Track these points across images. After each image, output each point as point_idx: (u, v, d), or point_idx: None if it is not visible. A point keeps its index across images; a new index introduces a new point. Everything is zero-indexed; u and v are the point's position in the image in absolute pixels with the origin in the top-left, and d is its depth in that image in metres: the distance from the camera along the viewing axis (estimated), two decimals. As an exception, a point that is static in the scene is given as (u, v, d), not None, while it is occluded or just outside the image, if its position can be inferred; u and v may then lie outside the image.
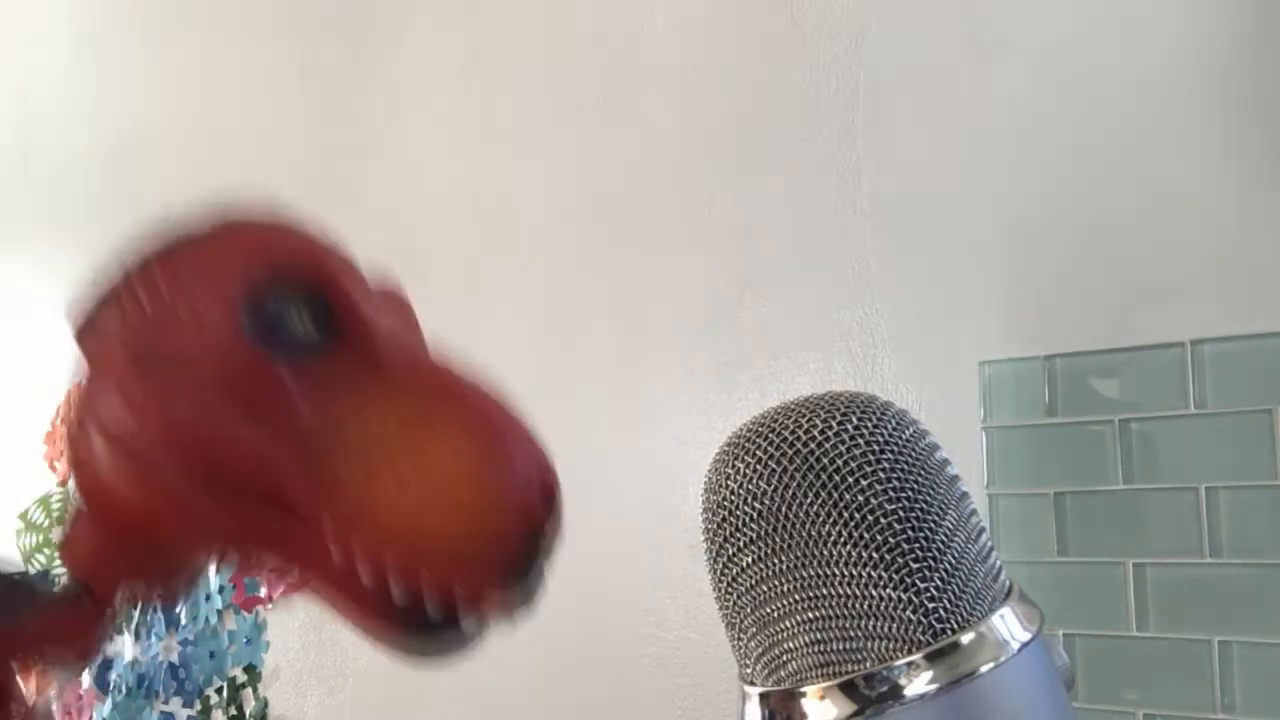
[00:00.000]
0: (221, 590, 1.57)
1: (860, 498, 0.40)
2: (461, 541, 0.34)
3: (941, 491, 0.42)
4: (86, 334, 0.36)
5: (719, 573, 0.44)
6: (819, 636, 0.40)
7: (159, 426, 0.34)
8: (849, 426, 0.41)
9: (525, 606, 0.35)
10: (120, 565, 0.38)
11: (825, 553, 0.40)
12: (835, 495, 0.40)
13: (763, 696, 0.43)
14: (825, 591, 0.40)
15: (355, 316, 0.36)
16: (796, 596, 0.41)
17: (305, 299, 0.35)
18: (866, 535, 0.40)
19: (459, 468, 0.34)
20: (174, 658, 1.65)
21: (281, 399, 0.35)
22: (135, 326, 0.35)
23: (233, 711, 1.53)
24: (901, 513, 0.40)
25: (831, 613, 0.40)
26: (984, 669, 0.39)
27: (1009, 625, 0.41)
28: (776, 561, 0.41)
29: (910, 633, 0.39)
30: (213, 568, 0.40)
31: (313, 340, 0.35)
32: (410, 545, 0.34)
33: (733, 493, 0.43)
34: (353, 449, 0.35)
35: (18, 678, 0.40)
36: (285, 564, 0.38)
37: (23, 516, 2.04)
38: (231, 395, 0.34)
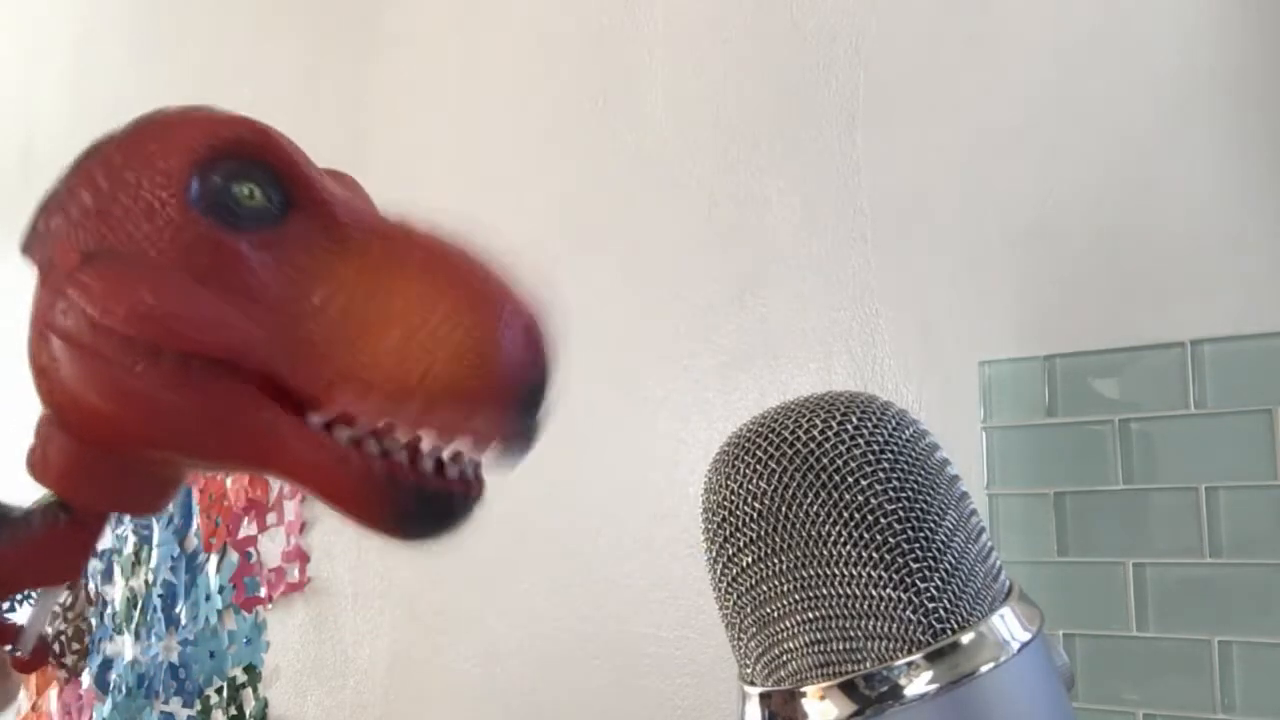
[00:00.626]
0: (221, 590, 1.57)
1: (860, 498, 0.40)
2: (453, 386, 0.33)
3: (941, 491, 0.42)
4: (33, 243, 0.36)
5: (719, 573, 0.44)
6: (819, 636, 0.40)
7: (124, 311, 0.33)
8: (849, 426, 0.41)
9: (525, 448, 0.34)
10: (95, 475, 0.37)
11: (825, 553, 0.40)
12: (835, 495, 0.40)
13: (763, 696, 0.43)
14: (825, 591, 0.40)
15: (306, 182, 0.35)
16: (796, 596, 0.41)
17: (252, 169, 0.35)
18: (866, 535, 0.40)
19: (439, 315, 0.33)
20: (174, 658, 1.65)
21: (244, 270, 0.34)
22: (81, 223, 0.35)
23: (233, 711, 1.53)
24: (901, 513, 0.40)
25: (831, 613, 0.40)
26: (984, 669, 0.39)
27: (1009, 625, 0.41)
28: (776, 561, 0.41)
29: (910, 633, 0.39)
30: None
31: (267, 209, 0.35)
32: (401, 397, 0.33)
33: (733, 493, 0.43)
34: (326, 311, 0.34)
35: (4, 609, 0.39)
36: (256, 459, 0.36)
37: None
38: (192, 272, 0.33)
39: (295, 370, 0.34)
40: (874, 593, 0.40)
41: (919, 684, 0.39)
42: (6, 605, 0.39)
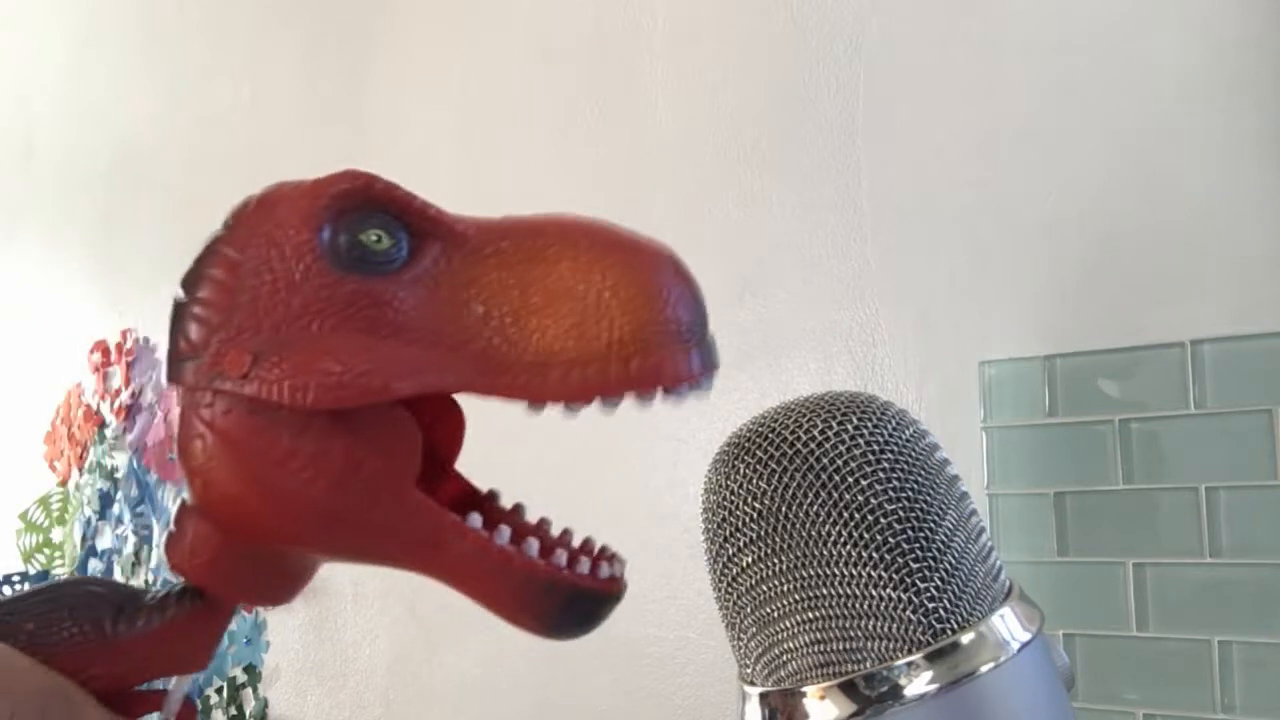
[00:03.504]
0: (221, 590, 1.57)
1: (860, 498, 0.40)
2: (638, 337, 0.34)
3: (941, 491, 0.42)
4: (180, 365, 0.35)
5: (719, 573, 0.44)
6: (819, 636, 0.40)
7: (314, 390, 0.33)
8: (849, 427, 0.41)
9: (715, 364, 0.35)
10: (237, 569, 0.37)
11: (825, 553, 0.40)
12: (835, 495, 0.40)
13: (763, 696, 0.43)
14: (825, 591, 0.40)
15: (420, 211, 0.36)
16: (796, 596, 0.41)
17: (368, 215, 0.35)
18: (866, 535, 0.40)
19: (596, 281, 0.34)
20: (174, 658, 1.64)
21: (402, 310, 0.34)
22: (233, 325, 0.34)
23: (233, 711, 1.53)
24: (901, 513, 0.40)
25: (831, 613, 0.40)
26: (984, 669, 0.39)
27: (1009, 625, 0.41)
28: (776, 561, 0.41)
29: (910, 633, 0.39)
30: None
31: (396, 248, 0.35)
32: (600, 362, 0.33)
33: (733, 493, 0.43)
34: (493, 318, 0.34)
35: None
36: (418, 563, 0.37)
37: (23, 516, 2.04)
38: (357, 327, 0.34)
39: (486, 378, 0.34)
40: (874, 593, 0.40)
41: (919, 684, 0.39)
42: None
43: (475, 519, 0.36)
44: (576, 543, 0.38)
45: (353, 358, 0.34)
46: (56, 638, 0.36)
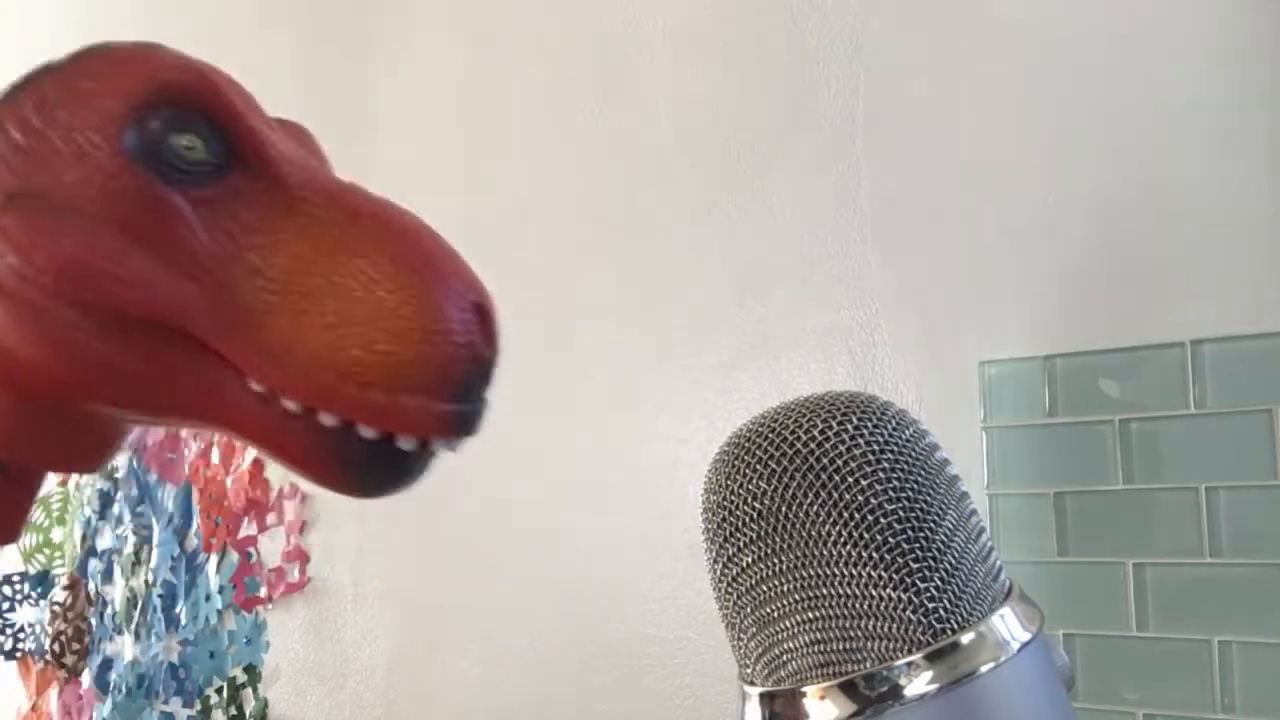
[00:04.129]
0: (221, 590, 1.57)
1: (860, 498, 0.40)
2: (391, 367, 0.30)
3: (941, 491, 0.42)
4: None
5: (719, 573, 0.44)
6: (819, 636, 0.40)
7: (47, 263, 0.31)
8: (849, 427, 0.41)
9: (468, 432, 0.32)
10: (30, 431, 0.35)
11: (825, 553, 0.40)
12: (835, 495, 0.40)
13: (763, 696, 0.43)
14: (825, 591, 0.40)
15: (252, 137, 0.33)
16: (796, 596, 0.41)
17: (194, 118, 0.32)
18: (866, 535, 0.40)
19: (383, 287, 0.31)
20: (174, 658, 1.65)
21: (179, 226, 0.32)
22: (7, 160, 0.32)
23: (233, 711, 1.53)
24: (901, 513, 0.40)
25: (831, 613, 0.40)
26: (984, 669, 0.39)
27: (1009, 625, 0.41)
28: (776, 561, 0.41)
29: (910, 633, 0.39)
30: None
31: (207, 163, 0.32)
32: (337, 375, 0.30)
33: (733, 493, 0.43)
34: (264, 277, 0.32)
35: None
36: (199, 415, 0.34)
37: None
38: (123, 225, 0.31)
39: (227, 336, 0.32)
40: (874, 593, 0.40)
41: (919, 684, 0.39)
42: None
43: (254, 384, 0.33)
44: (375, 403, 0.34)
45: (98, 250, 0.31)
46: None
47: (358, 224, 0.33)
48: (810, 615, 0.41)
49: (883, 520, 0.40)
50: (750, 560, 0.42)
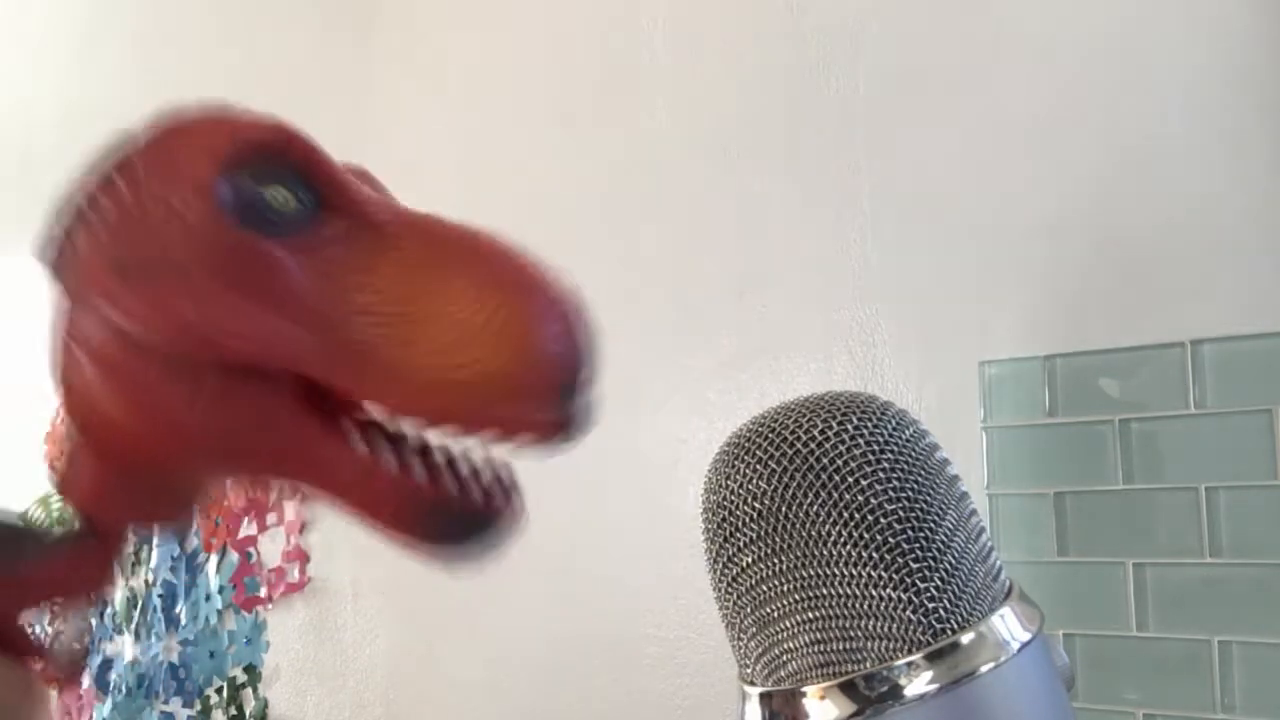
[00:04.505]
0: (221, 590, 1.57)
1: (860, 498, 0.40)
2: (505, 381, 0.32)
3: (941, 491, 0.42)
4: (56, 258, 0.34)
5: (719, 573, 0.44)
6: (819, 636, 0.40)
7: (163, 328, 0.32)
8: (849, 427, 0.41)
9: (578, 431, 0.34)
10: (124, 496, 0.36)
11: (825, 553, 0.40)
12: (835, 495, 0.40)
13: (763, 696, 0.43)
14: (825, 591, 0.40)
15: (337, 182, 0.34)
16: (796, 596, 0.41)
17: (280, 171, 0.34)
18: (866, 535, 0.40)
19: (485, 310, 0.33)
20: (174, 658, 1.65)
21: (283, 275, 0.33)
22: (107, 234, 0.33)
23: (233, 711, 1.53)
24: (901, 513, 0.40)
25: (831, 613, 0.40)
26: (984, 669, 0.39)
27: (1009, 625, 0.41)
28: (776, 561, 0.41)
29: (910, 633, 0.39)
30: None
31: (299, 212, 0.34)
32: (456, 396, 0.32)
33: (733, 493, 0.43)
34: (370, 313, 0.33)
35: (29, 627, 0.38)
36: (297, 474, 0.35)
37: (23, 516, 2.04)
38: (231, 280, 0.32)
39: (342, 374, 0.33)
40: (874, 593, 0.40)
41: (919, 684, 0.39)
42: (36, 624, 0.39)
43: (359, 441, 0.35)
44: (468, 468, 0.36)
45: (210, 307, 0.33)
46: None
47: (447, 251, 0.35)
48: (810, 615, 0.41)
49: (883, 520, 0.40)
50: (750, 560, 0.42)
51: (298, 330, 0.33)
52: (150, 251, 0.33)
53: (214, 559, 1.59)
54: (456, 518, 0.35)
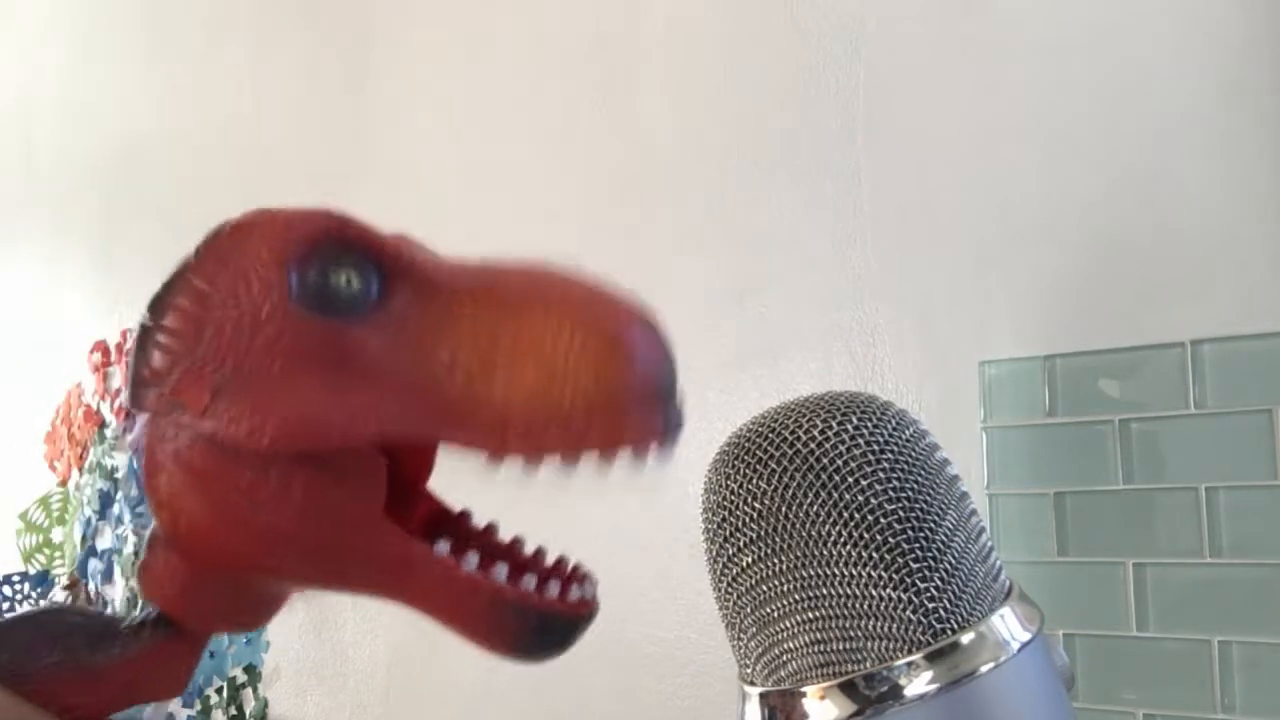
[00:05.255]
0: (221, 590, 1.57)
1: (860, 498, 0.40)
2: (602, 398, 0.33)
3: (941, 491, 0.42)
4: (142, 393, 0.35)
5: (719, 573, 0.44)
6: (819, 636, 0.40)
7: (271, 432, 0.33)
8: (849, 427, 0.41)
9: (675, 441, 0.35)
10: (210, 600, 0.37)
11: (825, 553, 0.40)
12: (835, 495, 0.40)
13: (763, 696, 0.43)
14: (825, 591, 0.40)
15: (393, 254, 0.35)
16: (796, 596, 0.41)
17: (339, 256, 0.35)
18: (866, 535, 0.40)
19: (565, 338, 0.34)
20: (174, 658, 1.64)
21: (367, 354, 0.34)
22: (195, 358, 0.34)
23: (233, 711, 1.53)
24: (901, 513, 0.40)
25: (831, 613, 0.40)
26: (984, 669, 0.39)
27: (1009, 625, 0.41)
28: (776, 561, 0.41)
29: (910, 633, 0.39)
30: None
31: (366, 291, 0.35)
32: (562, 421, 0.33)
33: (733, 493, 0.43)
34: (459, 368, 0.34)
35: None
36: (387, 588, 0.36)
37: (23, 516, 2.04)
38: (316, 368, 0.34)
39: (447, 429, 0.34)
40: (874, 593, 0.40)
41: (919, 684, 0.39)
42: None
43: (443, 545, 0.36)
44: (549, 563, 0.37)
45: (312, 401, 0.34)
46: (33, 667, 0.36)
47: (513, 294, 0.36)
48: (810, 615, 0.41)
49: (883, 520, 0.40)
50: (750, 560, 0.42)
51: (390, 400, 0.34)
52: (239, 363, 0.34)
53: (214, 559, 1.59)
54: (535, 619, 0.36)
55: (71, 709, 0.36)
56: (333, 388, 0.34)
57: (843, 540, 0.40)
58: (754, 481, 0.42)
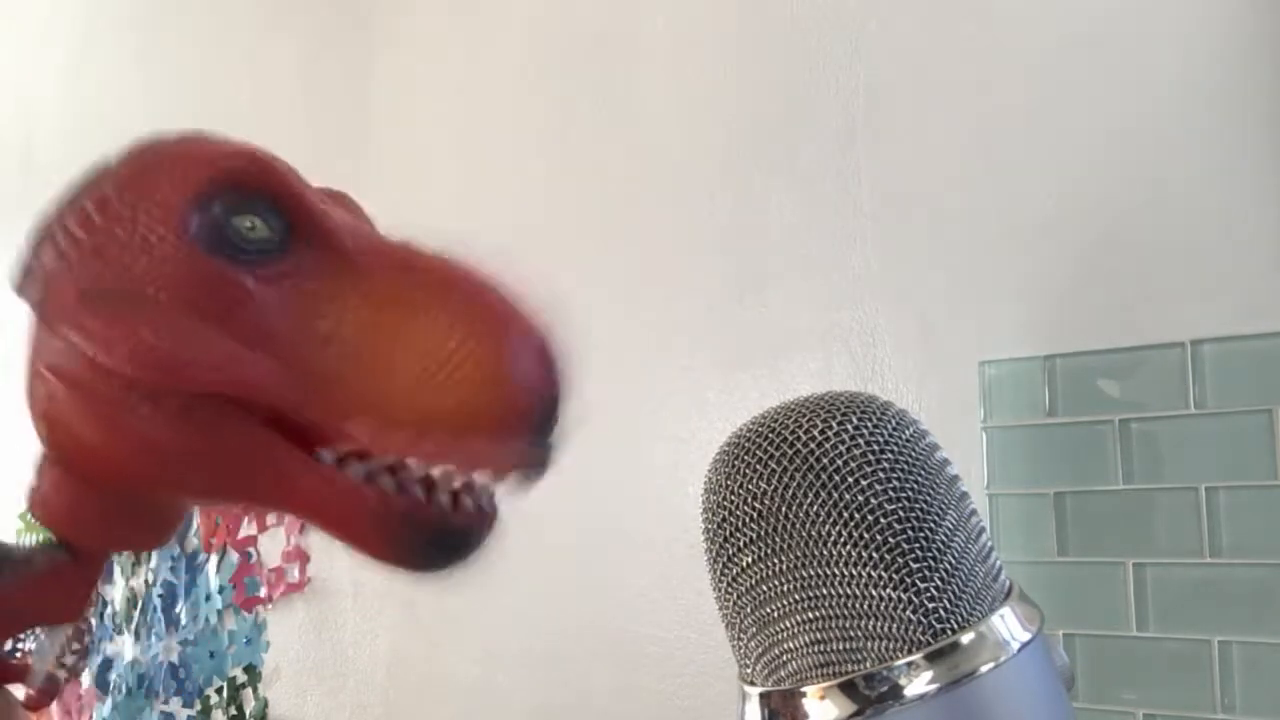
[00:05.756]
0: (221, 590, 1.57)
1: (860, 498, 0.40)
2: (471, 417, 0.32)
3: (941, 491, 0.42)
4: (26, 282, 0.34)
5: (719, 573, 0.44)
6: (819, 636, 0.40)
7: (124, 356, 0.32)
8: (849, 427, 0.41)
9: (541, 472, 0.34)
10: (101, 520, 0.36)
11: (825, 553, 0.40)
12: (835, 495, 0.40)
13: (763, 696, 0.43)
14: (825, 591, 0.40)
15: (309, 211, 0.34)
16: (796, 596, 0.41)
17: (253, 200, 0.34)
18: (866, 535, 0.40)
19: (452, 344, 0.33)
20: (174, 658, 1.65)
21: (250, 305, 0.33)
22: (77, 261, 0.33)
23: (233, 711, 1.53)
24: (901, 513, 0.40)
25: (831, 613, 0.40)
26: (984, 669, 0.39)
27: (1009, 625, 0.41)
28: (776, 561, 0.41)
29: (910, 633, 0.39)
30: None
31: (269, 240, 0.33)
32: (420, 431, 0.32)
33: (733, 493, 0.43)
34: (337, 344, 0.33)
35: (6, 652, 0.38)
36: (265, 497, 0.35)
37: (23, 516, 2.04)
38: (196, 309, 0.32)
39: (309, 404, 0.33)
40: (874, 593, 0.40)
41: (919, 684, 0.39)
42: (11, 646, 0.39)
43: (326, 455, 0.35)
44: (440, 479, 0.36)
45: (175, 337, 0.33)
46: None
47: (419, 282, 0.34)
48: (810, 615, 0.41)
49: (883, 520, 0.40)
50: (750, 560, 0.42)
51: (262, 360, 0.33)
52: (115, 276, 0.33)
53: (214, 559, 1.59)
54: (426, 528, 0.35)
55: None
56: (200, 328, 0.33)
57: (843, 540, 0.40)
58: (754, 481, 0.42)
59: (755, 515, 0.42)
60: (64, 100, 2.14)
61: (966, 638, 0.39)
